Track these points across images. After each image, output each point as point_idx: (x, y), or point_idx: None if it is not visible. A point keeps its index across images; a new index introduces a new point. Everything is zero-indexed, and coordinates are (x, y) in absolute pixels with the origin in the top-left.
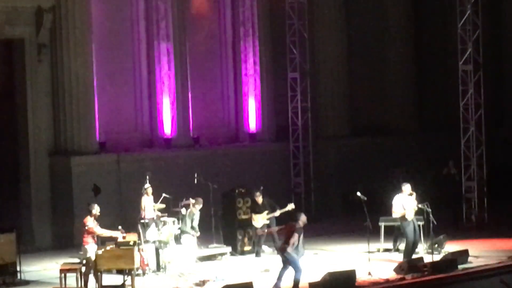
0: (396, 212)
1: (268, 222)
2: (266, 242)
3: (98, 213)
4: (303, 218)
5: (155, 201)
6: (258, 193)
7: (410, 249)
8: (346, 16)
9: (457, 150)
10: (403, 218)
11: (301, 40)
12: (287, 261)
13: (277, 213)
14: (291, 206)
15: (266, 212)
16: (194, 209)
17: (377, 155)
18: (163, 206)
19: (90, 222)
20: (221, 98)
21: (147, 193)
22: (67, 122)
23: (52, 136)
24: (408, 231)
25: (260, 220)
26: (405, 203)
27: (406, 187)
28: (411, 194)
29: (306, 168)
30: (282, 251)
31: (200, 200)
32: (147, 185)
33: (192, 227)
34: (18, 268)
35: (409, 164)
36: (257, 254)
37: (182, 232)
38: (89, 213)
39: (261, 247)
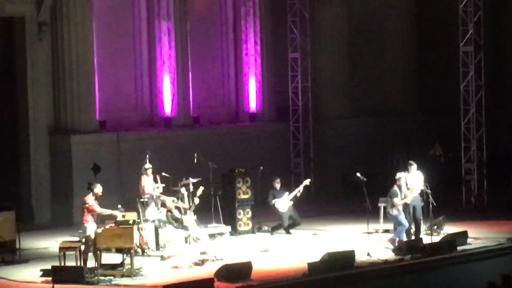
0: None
1: (292, 203)
2: (267, 222)
3: (100, 193)
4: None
5: (155, 180)
6: (277, 180)
7: (409, 231)
8: None
9: (457, 132)
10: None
11: (302, 20)
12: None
13: (300, 188)
14: (308, 181)
15: (286, 194)
16: (170, 213)
17: (377, 136)
18: (162, 185)
19: (91, 200)
20: (222, 78)
21: (146, 174)
22: (67, 101)
23: (52, 115)
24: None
25: (284, 203)
26: (409, 182)
27: (413, 167)
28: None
29: (306, 149)
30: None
31: (170, 200)
32: (148, 165)
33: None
34: (17, 246)
35: (409, 145)
36: (272, 233)
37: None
38: (91, 191)
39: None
